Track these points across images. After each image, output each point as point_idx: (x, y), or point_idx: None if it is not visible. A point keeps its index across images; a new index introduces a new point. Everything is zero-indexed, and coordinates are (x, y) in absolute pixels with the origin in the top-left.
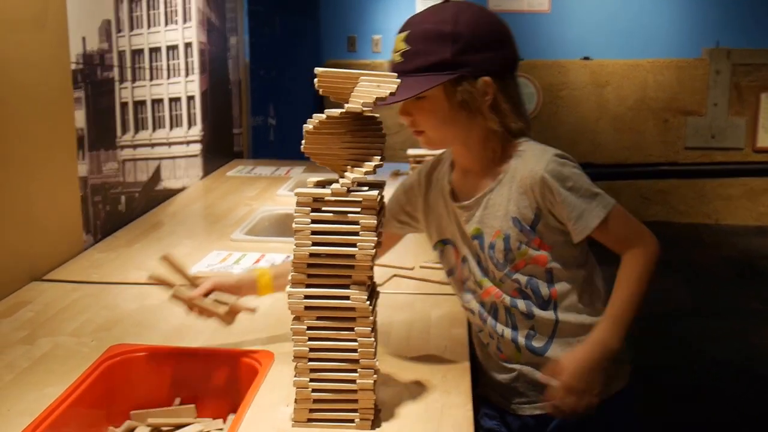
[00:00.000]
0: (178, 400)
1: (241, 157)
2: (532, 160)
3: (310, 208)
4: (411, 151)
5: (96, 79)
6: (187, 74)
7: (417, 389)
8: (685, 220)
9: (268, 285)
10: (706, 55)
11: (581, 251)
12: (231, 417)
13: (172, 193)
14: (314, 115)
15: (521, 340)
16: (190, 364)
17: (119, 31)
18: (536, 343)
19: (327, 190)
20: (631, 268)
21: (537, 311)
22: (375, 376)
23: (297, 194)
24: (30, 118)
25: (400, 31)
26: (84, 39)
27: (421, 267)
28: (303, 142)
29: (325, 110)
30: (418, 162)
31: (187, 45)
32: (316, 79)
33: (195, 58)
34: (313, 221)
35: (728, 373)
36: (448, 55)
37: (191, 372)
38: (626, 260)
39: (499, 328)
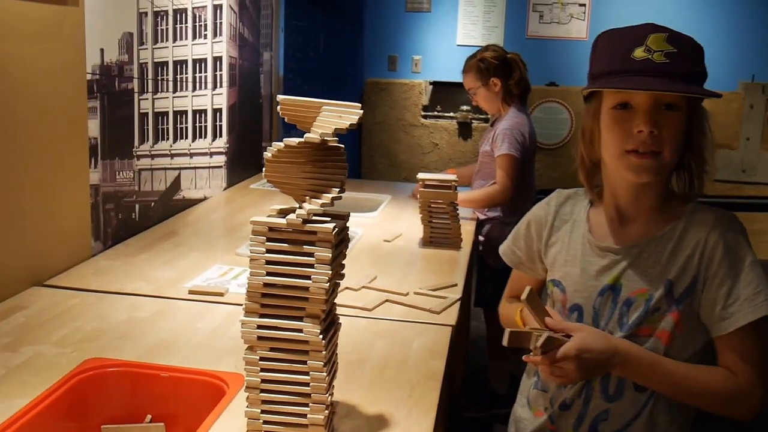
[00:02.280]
0: (149, 417)
1: None
2: (710, 221)
3: (265, 238)
4: (421, 175)
5: (113, 90)
6: (214, 87)
7: (378, 424)
8: None
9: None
10: (741, 88)
11: (709, 351)
12: None
13: (191, 203)
14: (274, 143)
15: (587, 420)
16: (162, 382)
17: (142, 43)
18: (603, 430)
19: (283, 221)
20: (724, 379)
21: (628, 392)
22: (327, 411)
23: (252, 223)
24: (42, 125)
25: (652, 32)
26: (102, 50)
27: (416, 293)
28: (264, 169)
29: (284, 139)
30: (427, 186)
31: (217, 59)
32: (279, 107)
33: (224, 72)
34: (269, 251)
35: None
36: (705, 70)
37: (163, 390)
38: (728, 374)
39: (570, 397)
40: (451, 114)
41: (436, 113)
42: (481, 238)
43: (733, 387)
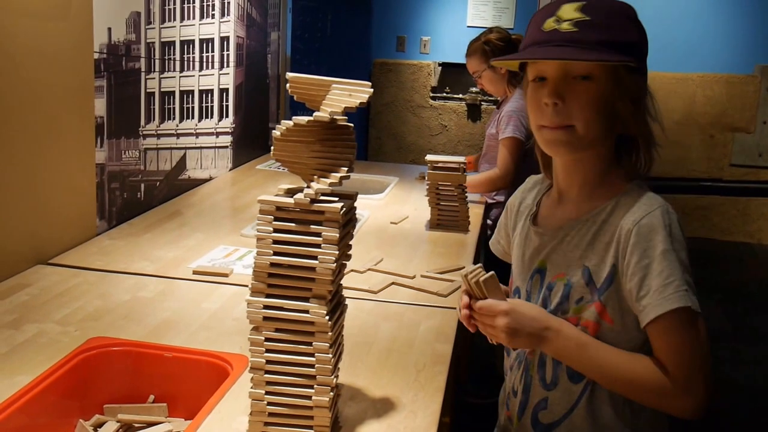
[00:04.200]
0: (151, 398)
1: None
2: (633, 205)
3: (272, 217)
4: (429, 157)
5: (120, 69)
6: (221, 67)
7: (384, 408)
8: (726, 238)
9: None
10: (757, 72)
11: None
12: None
13: (197, 183)
14: (283, 121)
15: (529, 408)
16: (165, 363)
17: (149, 23)
18: (543, 419)
19: (290, 200)
20: (652, 372)
21: (563, 381)
22: (332, 393)
23: (260, 201)
24: (49, 104)
25: (566, 2)
26: (110, 29)
27: (423, 276)
28: (272, 148)
29: (293, 117)
30: (436, 168)
31: (224, 39)
32: (288, 84)
33: (231, 52)
34: (276, 230)
35: (759, 400)
36: (635, 37)
37: (166, 370)
38: (657, 367)
39: (516, 383)
40: (460, 95)
41: (444, 95)
42: (488, 221)
43: (661, 383)
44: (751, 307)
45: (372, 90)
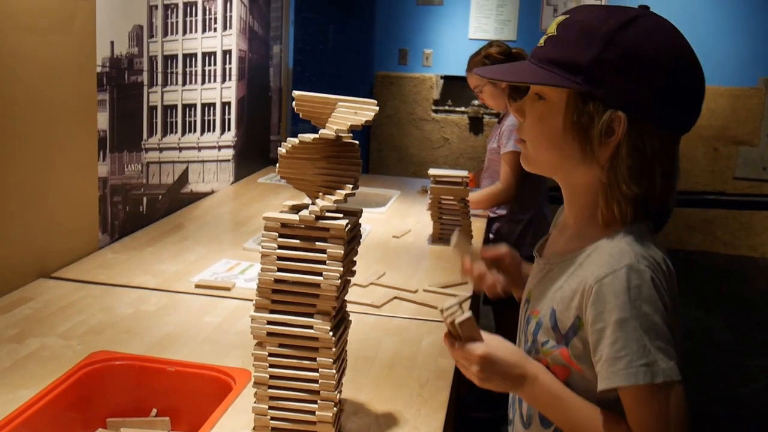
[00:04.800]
0: (154, 411)
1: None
2: (603, 256)
3: (277, 233)
4: (432, 171)
5: (123, 83)
6: (224, 80)
7: (387, 423)
8: (730, 252)
9: None
10: (762, 84)
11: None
12: None
13: (199, 196)
14: (288, 139)
15: None
16: (168, 377)
17: (152, 36)
18: None
19: (295, 217)
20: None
21: (535, 424)
22: (335, 408)
23: (265, 218)
24: (52, 118)
25: (560, 16)
26: (112, 43)
27: (425, 291)
28: (277, 165)
29: (299, 135)
30: (438, 182)
31: (226, 52)
32: (294, 102)
33: (234, 65)
34: (280, 247)
35: (764, 413)
36: (585, 58)
37: (169, 384)
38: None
39: (510, 414)
40: (462, 108)
41: (447, 108)
42: (491, 235)
43: None
44: (755, 320)
45: (377, 108)
